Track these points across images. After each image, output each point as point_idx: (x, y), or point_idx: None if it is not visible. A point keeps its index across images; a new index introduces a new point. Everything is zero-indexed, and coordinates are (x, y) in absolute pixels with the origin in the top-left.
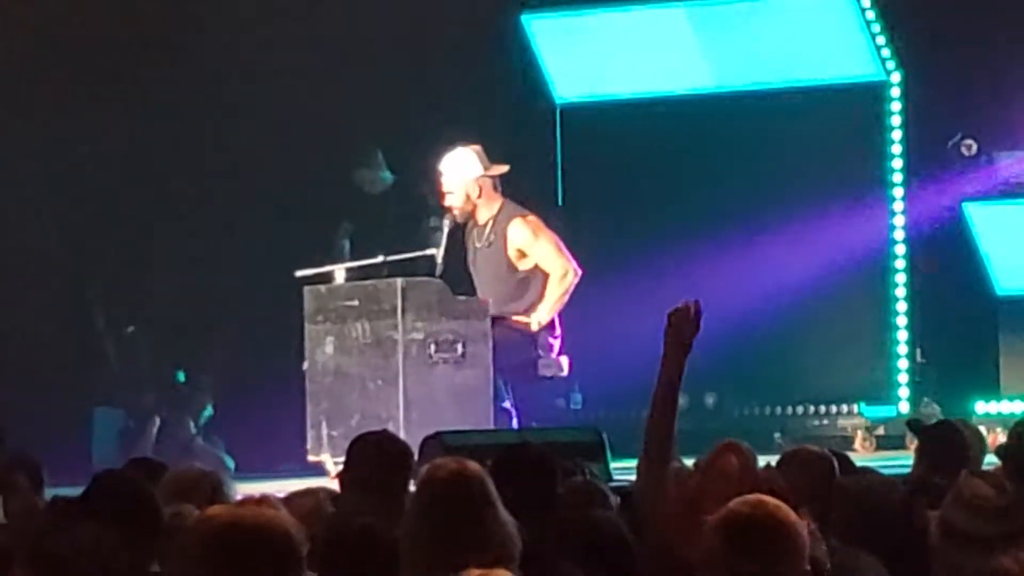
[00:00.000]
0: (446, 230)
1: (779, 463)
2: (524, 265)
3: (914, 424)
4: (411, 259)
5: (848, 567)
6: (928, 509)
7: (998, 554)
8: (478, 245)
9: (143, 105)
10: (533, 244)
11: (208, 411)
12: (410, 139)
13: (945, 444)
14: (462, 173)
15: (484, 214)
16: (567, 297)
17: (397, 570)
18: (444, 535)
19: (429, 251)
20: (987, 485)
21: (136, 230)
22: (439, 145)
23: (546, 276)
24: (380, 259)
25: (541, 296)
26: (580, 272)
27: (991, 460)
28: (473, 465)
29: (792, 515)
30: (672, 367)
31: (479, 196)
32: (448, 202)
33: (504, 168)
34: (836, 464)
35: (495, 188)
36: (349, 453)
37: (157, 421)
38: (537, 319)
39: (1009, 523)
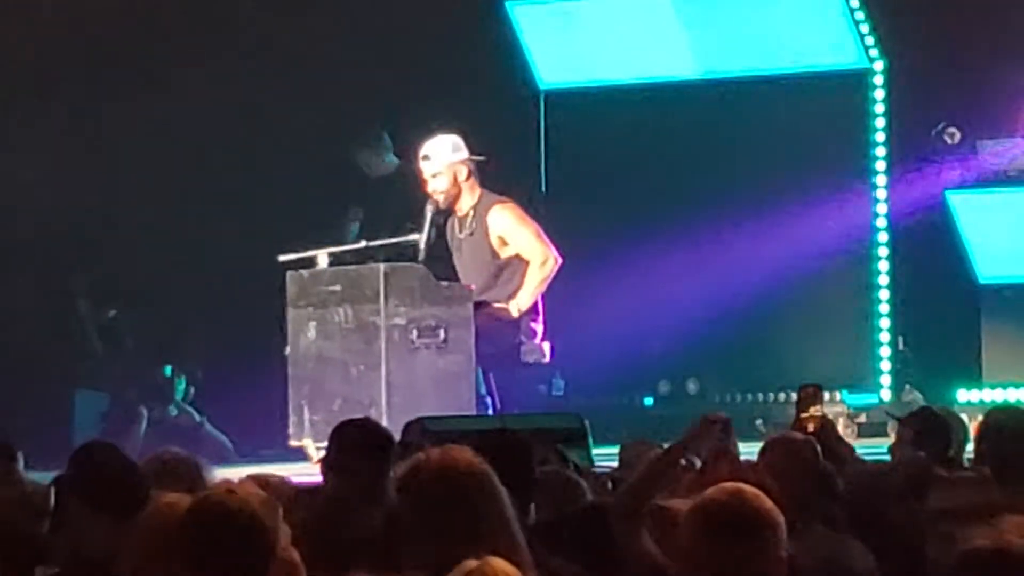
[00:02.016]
0: (429, 216)
1: (762, 449)
2: (506, 252)
3: (891, 412)
4: (393, 244)
5: (835, 554)
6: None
7: (973, 530)
8: (460, 236)
9: (131, 90)
10: (514, 230)
11: (182, 384)
12: (394, 125)
13: (926, 429)
14: (449, 155)
15: (466, 202)
16: (546, 284)
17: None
18: (448, 526)
19: (412, 237)
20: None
21: (120, 213)
22: (423, 132)
23: (526, 263)
24: (363, 244)
25: (523, 283)
26: (560, 260)
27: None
28: (474, 454)
29: (769, 503)
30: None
31: (466, 179)
32: (432, 187)
33: (483, 157)
34: (819, 450)
35: (476, 176)
36: (331, 439)
37: (144, 413)
38: (517, 305)
39: (985, 495)
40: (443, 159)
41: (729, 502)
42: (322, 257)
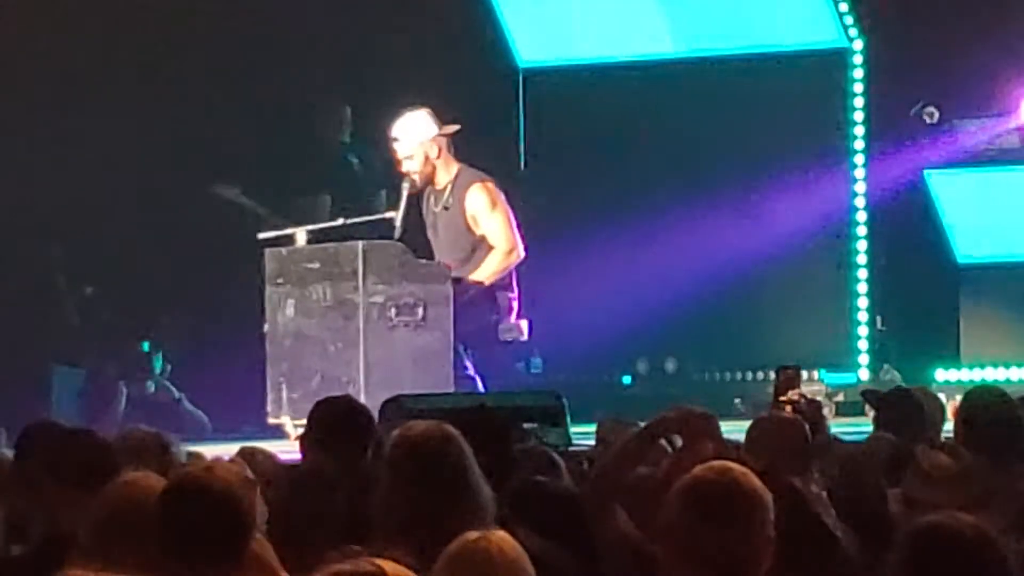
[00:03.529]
0: (405, 193)
1: (750, 429)
2: (479, 231)
3: (869, 395)
4: (370, 222)
5: None
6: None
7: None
8: (436, 209)
9: (106, 69)
10: (487, 213)
11: (159, 362)
12: (371, 102)
13: (902, 411)
14: (418, 135)
15: (443, 177)
16: (505, 273)
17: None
18: (421, 497)
19: (388, 214)
20: (945, 455)
21: (98, 189)
22: (401, 109)
23: (491, 247)
24: (340, 222)
25: (483, 262)
26: (524, 254)
27: (951, 428)
28: (450, 428)
29: (758, 482)
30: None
31: (438, 156)
32: (407, 167)
33: (455, 127)
34: (808, 429)
35: (450, 149)
36: (311, 417)
37: (124, 389)
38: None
39: (967, 490)
40: (413, 140)
41: (718, 481)
42: (300, 235)
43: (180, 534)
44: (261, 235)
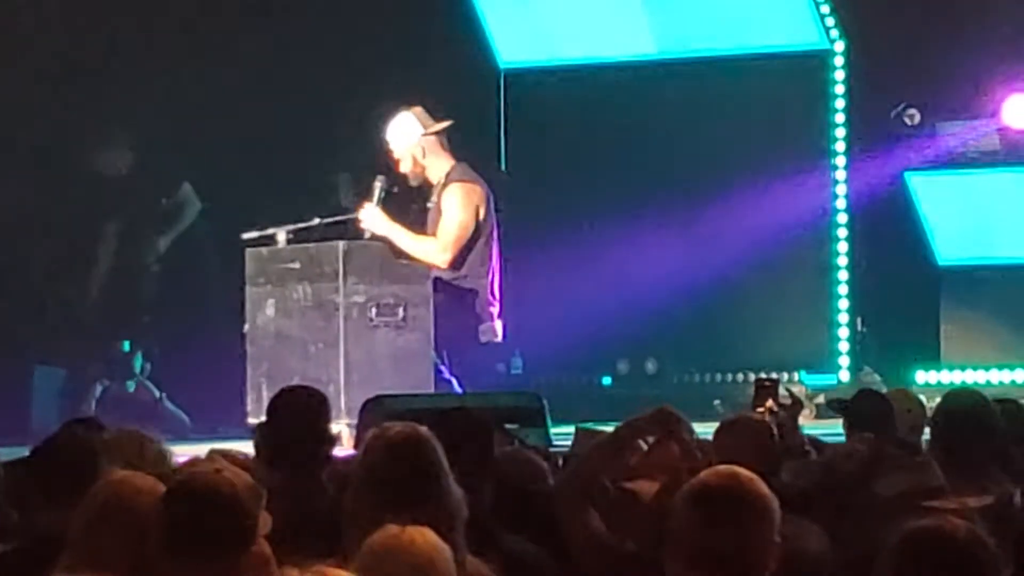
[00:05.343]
0: (376, 191)
1: (718, 431)
2: None
3: (835, 403)
4: (348, 221)
5: (792, 536)
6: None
7: (918, 511)
8: (429, 206)
9: (103, 66)
10: (448, 210)
11: (139, 362)
12: (353, 103)
13: (870, 414)
14: (404, 138)
15: (435, 174)
16: (415, 262)
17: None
18: (391, 498)
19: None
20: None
21: (81, 187)
22: (382, 109)
23: (473, 242)
24: (316, 221)
25: (478, 260)
26: (445, 267)
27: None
28: (424, 430)
29: (764, 487)
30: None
31: (424, 157)
32: (401, 169)
33: (445, 124)
34: (775, 430)
35: (442, 146)
36: (269, 408)
37: (99, 388)
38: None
39: (929, 478)
40: (399, 144)
41: (726, 486)
42: (281, 235)
43: (184, 533)
44: (245, 235)
